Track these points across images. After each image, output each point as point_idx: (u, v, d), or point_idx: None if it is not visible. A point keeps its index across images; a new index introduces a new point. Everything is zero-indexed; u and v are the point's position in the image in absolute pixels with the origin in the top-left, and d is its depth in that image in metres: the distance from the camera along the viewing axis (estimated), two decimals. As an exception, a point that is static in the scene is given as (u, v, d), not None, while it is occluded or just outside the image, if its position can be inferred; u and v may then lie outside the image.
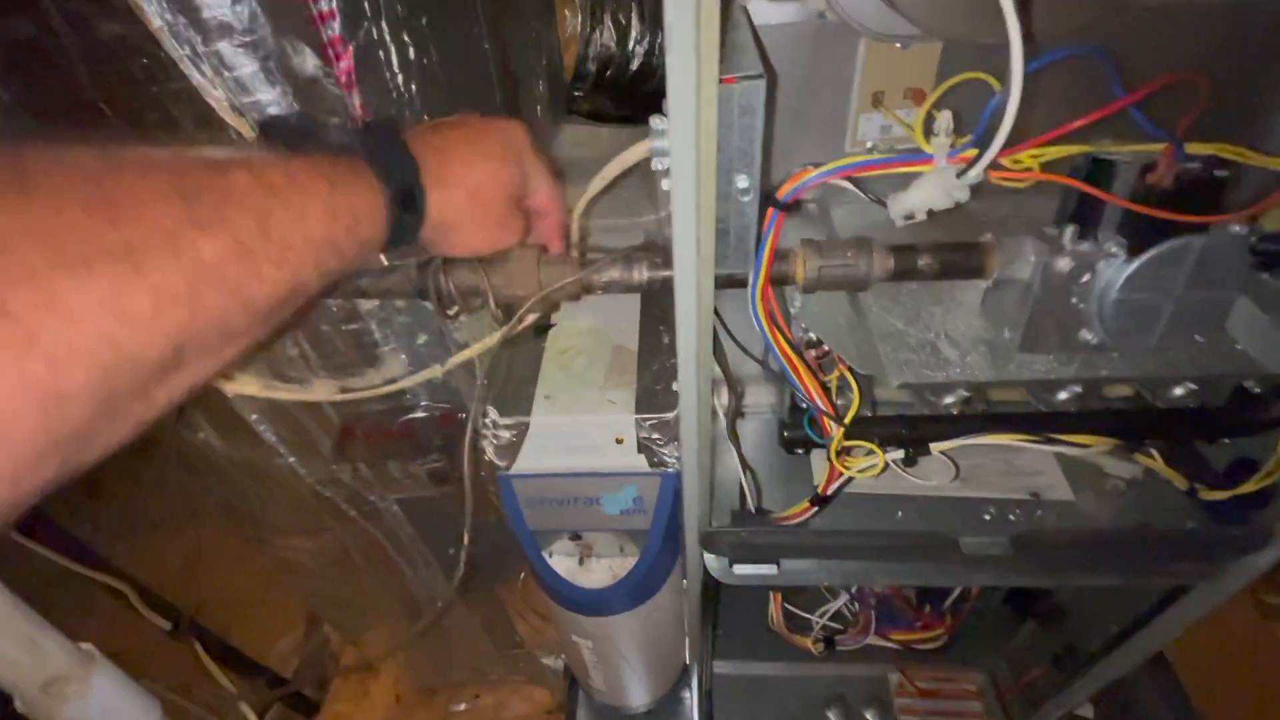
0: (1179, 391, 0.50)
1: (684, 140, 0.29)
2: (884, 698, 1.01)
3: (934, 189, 0.35)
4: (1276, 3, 0.45)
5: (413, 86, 0.45)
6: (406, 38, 0.44)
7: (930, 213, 0.38)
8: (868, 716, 1.00)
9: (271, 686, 1.15)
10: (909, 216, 0.37)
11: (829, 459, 0.48)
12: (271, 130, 0.35)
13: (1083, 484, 0.62)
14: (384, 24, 0.41)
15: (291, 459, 0.61)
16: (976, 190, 0.37)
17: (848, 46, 0.47)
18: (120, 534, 1.36)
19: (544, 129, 0.80)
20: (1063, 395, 0.50)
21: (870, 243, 0.40)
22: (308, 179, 0.28)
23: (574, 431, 0.63)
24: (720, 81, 0.30)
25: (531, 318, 0.53)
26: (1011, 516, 0.60)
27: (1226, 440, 0.53)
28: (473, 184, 0.38)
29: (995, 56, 0.41)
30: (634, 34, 0.86)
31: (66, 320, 0.20)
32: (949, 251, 0.40)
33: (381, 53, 0.42)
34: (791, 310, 0.47)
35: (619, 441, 0.64)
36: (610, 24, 0.85)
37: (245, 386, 0.54)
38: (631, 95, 0.89)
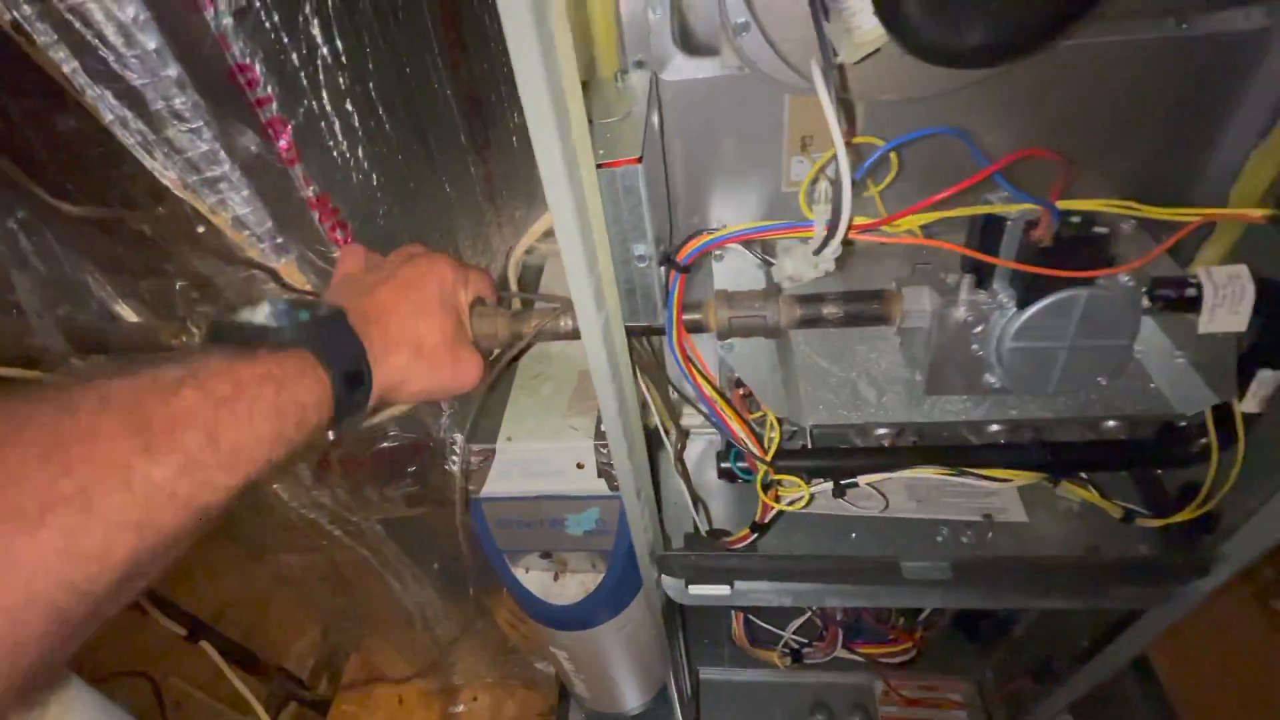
0: (1110, 424, 0.51)
1: (567, 220, 0.32)
2: (868, 706, 1.03)
3: (799, 260, 0.36)
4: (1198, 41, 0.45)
5: (359, 150, 0.48)
6: (350, 106, 0.47)
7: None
8: (853, 723, 1.02)
9: (286, 687, 1.22)
10: (793, 279, 0.39)
11: (759, 493, 0.50)
12: (222, 333, 0.36)
13: (1036, 505, 0.63)
14: (324, 98, 0.45)
15: (275, 486, 0.65)
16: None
17: (774, 96, 0.48)
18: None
19: (522, 159, 0.82)
20: (994, 428, 0.52)
21: (778, 293, 0.42)
22: (255, 384, 0.31)
23: (537, 457, 0.66)
24: (598, 167, 0.32)
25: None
26: (964, 538, 0.61)
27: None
28: (414, 343, 0.40)
29: (913, 108, 0.43)
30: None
31: (22, 574, 0.21)
32: (854, 300, 0.41)
33: (324, 124, 0.45)
34: (720, 353, 0.49)
35: (580, 466, 0.66)
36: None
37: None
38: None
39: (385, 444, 0.62)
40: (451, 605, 0.91)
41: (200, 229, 0.46)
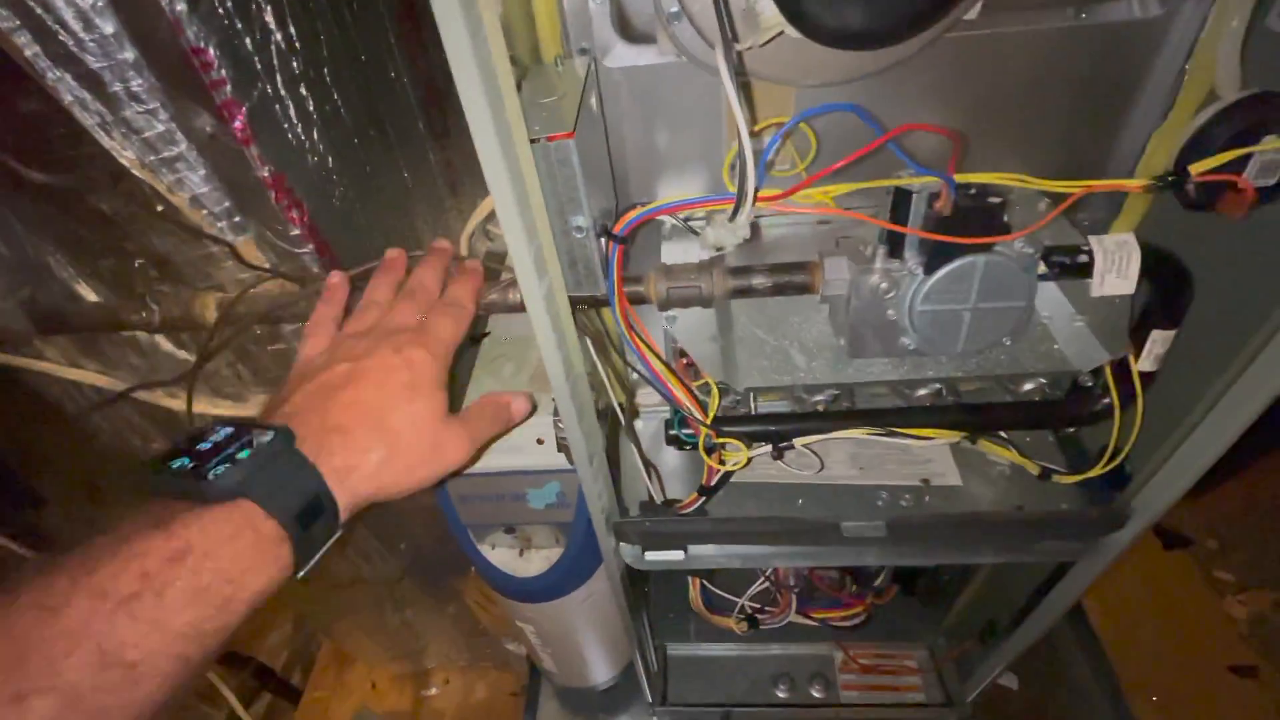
0: (1029, 386, 0.55)
1: (504, 191, 0.35)
2: (828, 674, 1.07)
3: (721, 230, 0.40)
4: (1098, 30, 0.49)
5: (314, 134, 0.50)
6: (304, 90, 0.49)
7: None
8: (813, 691, 1.06)
9: (259, 676, 1.22)
10: (719, 248, 0.42)
11: (702, 455, 0.54)
12: (160, 482, 0.32)
13: (970, 470, 0.67)
14: (278, 81, 0.47)
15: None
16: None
17: (712, 82, 0.51)
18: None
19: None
20: (922, 391, 0.55)
21: (712, 265, 0.45)
22: (167, 568, 0.27)
23: (498, 434, 0.69)
24: (532, 142, 0.35)
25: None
26: (903, 501, 0.65)
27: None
28: (387, 444, 0.36)
29: (841, 92, 0.46)
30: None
31: None
32: (780, 271, 0.45)
33: (278, 107, 0.47)
34: (665, 325, 0.52)
35: (540, 442, 0.69)
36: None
37: (186, 404, 0.60)
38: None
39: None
40: (422, 587, 0.93)
41: (159, 208, 0.47)
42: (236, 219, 0.48)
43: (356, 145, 0.55)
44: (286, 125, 0.48)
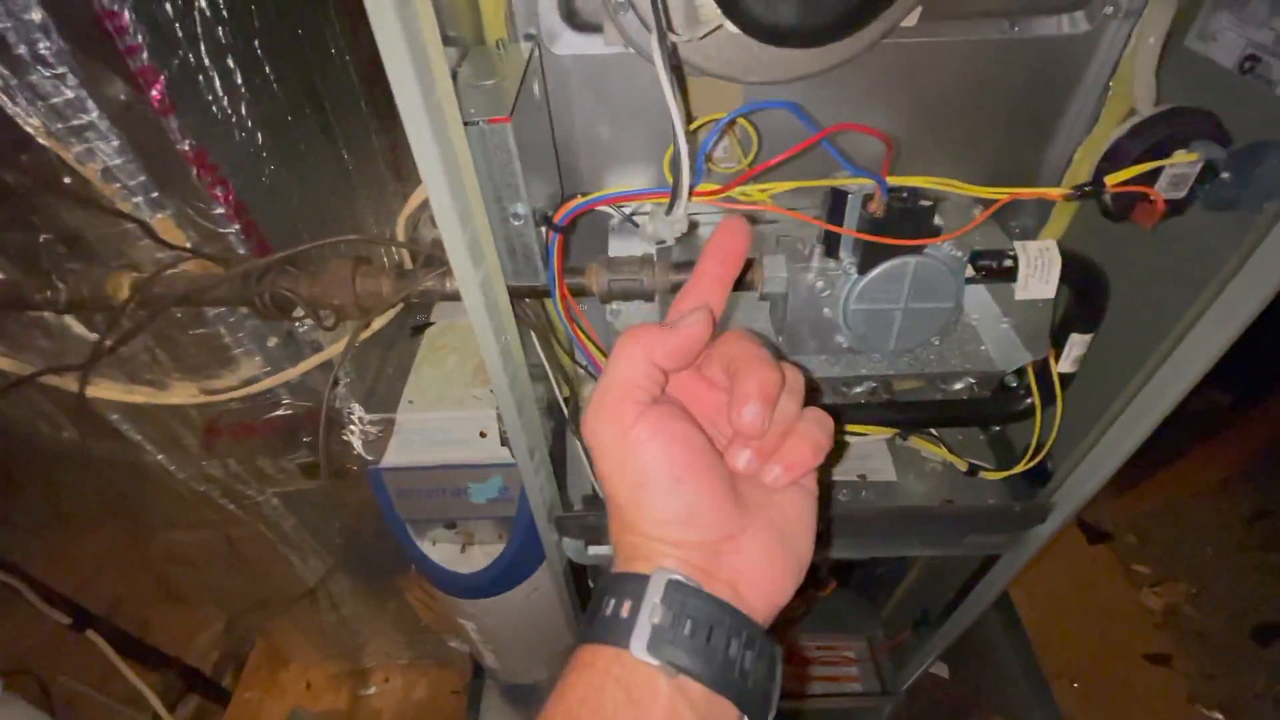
0: (959, 385, 0.57)
1: (434, 174, 0.33)
2: (771, 666, 1.09)
3: (659, 223, 0.40)
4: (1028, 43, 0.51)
5: (241, 108, 0.48)
6: (231, 62, 0.46)
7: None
8: (755, 684, 1.08)
9: (185, 679, 1.17)
10: (660, 242, 0.42)
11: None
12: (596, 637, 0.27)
13: (905, 467, 0.69)
14: (202, 51, 0.44)
15: (160, 456, 0.63)
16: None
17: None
18: (33, 531, 1.35)
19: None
20: (858, 389, 0.57)
21: (653, 259, 0.45)
22: None
23: (439, 426, 0.67)
24: (466, 124, 0.34)
25: (380, 322, 0.57)
26: (841, 495, 0.67)
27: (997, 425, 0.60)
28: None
29: (785, 92, 0.46)
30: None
31: None
32: (721, 266, 0.45)
33: (201, 77, 0.45)
34: (608, 318, 0.52)
35: (483, 435, 0.68)
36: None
37: (103, 390, 0.56)
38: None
39: (277, 412, 0.61)
40: (358, 584, 0.90)
41: (67, 179, 0.44)
42: (154, 194, 0.46)
43: (291, 123, 0.53)
44: (211, 98, 0.46)
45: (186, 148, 0.44)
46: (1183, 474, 1.54)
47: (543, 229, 0.41)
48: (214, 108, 0.46)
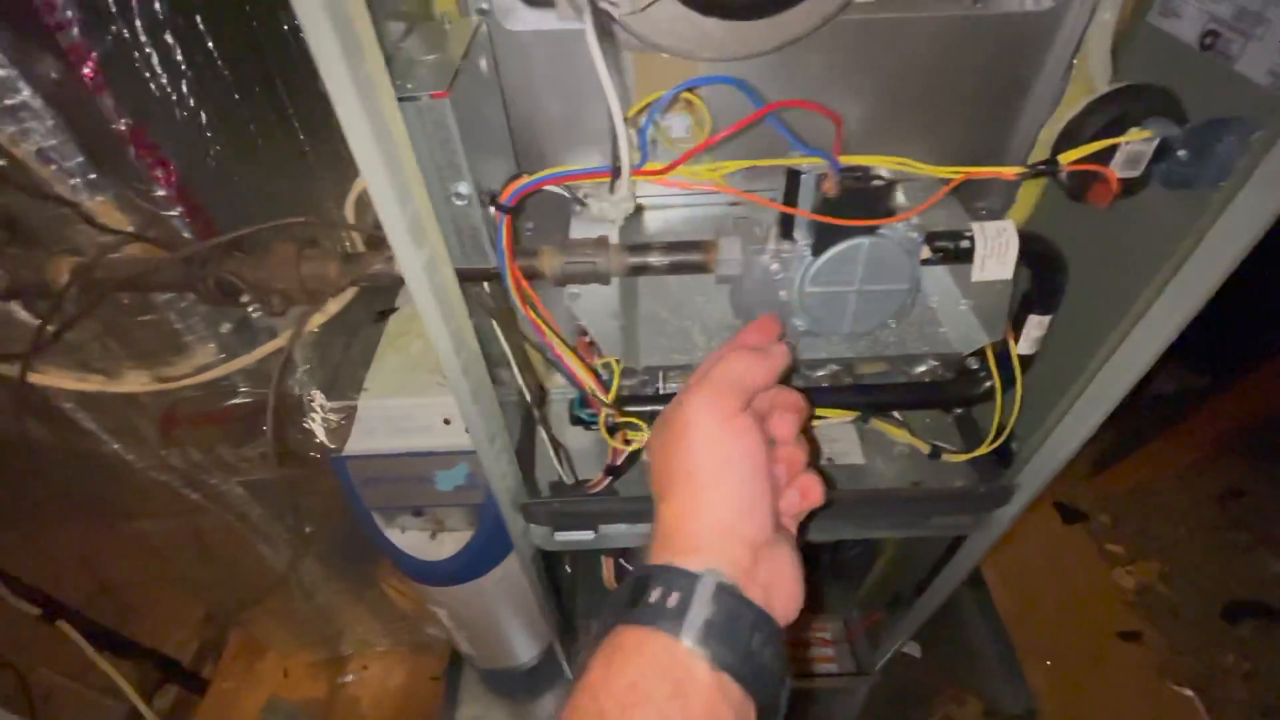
0: (921, 368, 0.57)
1: (367, 152, 0.32)
2: (747, 648, 1.10)
3: (604, 202, 0.39)
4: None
5: (183, 86, 0.46)
6: (170, 38, 0.45)
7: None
8: (732, 666, 1.09)
9: (162, 669, 1.16)
10: (611, 221, 0.41)
11: (604, 435, 0.53)
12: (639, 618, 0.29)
13: (873, 449, 0.69)
14: (138, 27, 0.43)
15: (116, 446, 0.62)
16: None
17: (617, 53, 0.50)
18: (2, 523, 1.33)
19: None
20: (820, 372, 0.56)
21: (609, 242, 0.44)
22: None
23: (402, 413, 0.66)
24: (400, 100, 0.33)
25: (336, 306, 0.56)
26: (809, 480, 0.67)
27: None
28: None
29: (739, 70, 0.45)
30: None
31: None
32: (676, 250, 0.44)
33: (138, 54, 0.43)
34: (567, 302, 0.51)
35: (447, 422, 0.67)
36: None
37: (54, 379, 0.55)
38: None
39: (235, 400, 0.60)
40: (332, 571, 0.90)
41: (1, 162, 0.43)
42: (92, 176, 0.44)
43: (238, 101, 0.51)
44: (149, 75, 0.44)
45: (123, 127, 0.43)
46: (1157, 454, 1.56)
47: (492, 210, 0.41)
48: (152, 85, 0.45)
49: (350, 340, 0.69)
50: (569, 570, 1.06)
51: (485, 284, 0.48)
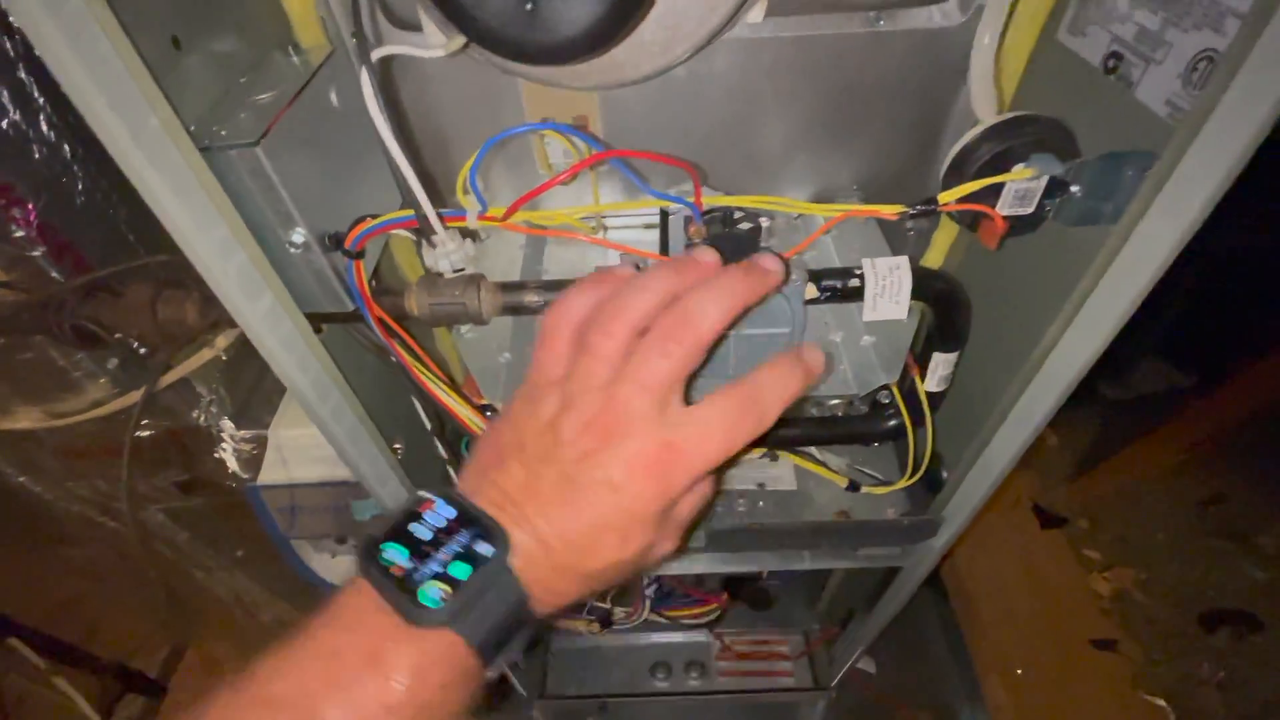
0: (835, 401, 0.55)
1: (166, 210, 0.30)
2: (705, 661, 1.09)
3: (434, 253, 0.37)
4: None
5: (40, 122, 0.44)
6: (24, 74, 0.43)
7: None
8: (690, 679, 1.08)
9: (123, 681, 1.17)
10: (458, 270, 0.39)
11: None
12: (371, 578, 0.29)
13: (806, 476, 0.67)
14: (-22, 62, 0.41)
15: (21, 479, 0.61)
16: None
17: (510, 82, 0.48)
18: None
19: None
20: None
21: (479, 280, 0.42)
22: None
23: (315, 442, 0.64)
24: (202, 150, 0.31)
25: (225, 341, 0.54)
26: (739, 505, 0.65)
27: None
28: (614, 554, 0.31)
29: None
30: None
31: None
32: (553, 289, 0.42)
33: None
34: (453, 340, 0.49)
35: (360, 451, 0.66)
36: None
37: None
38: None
39: (140, 433, 0.59)
40: (274, 593, 0.89)
41: None
42: (-60, 219, 0.43)
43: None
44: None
45: (-35, 170, 0.41)
46: (1139, 458, 1.52)
47: (339, 254, 0.38)
48: (4, 123, 0.43)
49: (265, 367, 0.67)
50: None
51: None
